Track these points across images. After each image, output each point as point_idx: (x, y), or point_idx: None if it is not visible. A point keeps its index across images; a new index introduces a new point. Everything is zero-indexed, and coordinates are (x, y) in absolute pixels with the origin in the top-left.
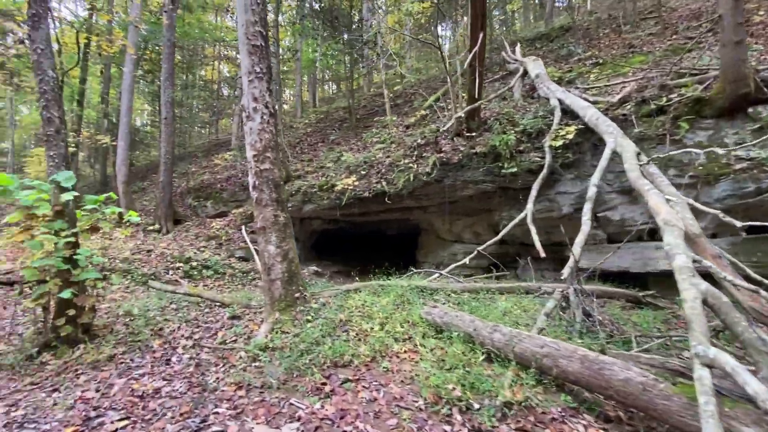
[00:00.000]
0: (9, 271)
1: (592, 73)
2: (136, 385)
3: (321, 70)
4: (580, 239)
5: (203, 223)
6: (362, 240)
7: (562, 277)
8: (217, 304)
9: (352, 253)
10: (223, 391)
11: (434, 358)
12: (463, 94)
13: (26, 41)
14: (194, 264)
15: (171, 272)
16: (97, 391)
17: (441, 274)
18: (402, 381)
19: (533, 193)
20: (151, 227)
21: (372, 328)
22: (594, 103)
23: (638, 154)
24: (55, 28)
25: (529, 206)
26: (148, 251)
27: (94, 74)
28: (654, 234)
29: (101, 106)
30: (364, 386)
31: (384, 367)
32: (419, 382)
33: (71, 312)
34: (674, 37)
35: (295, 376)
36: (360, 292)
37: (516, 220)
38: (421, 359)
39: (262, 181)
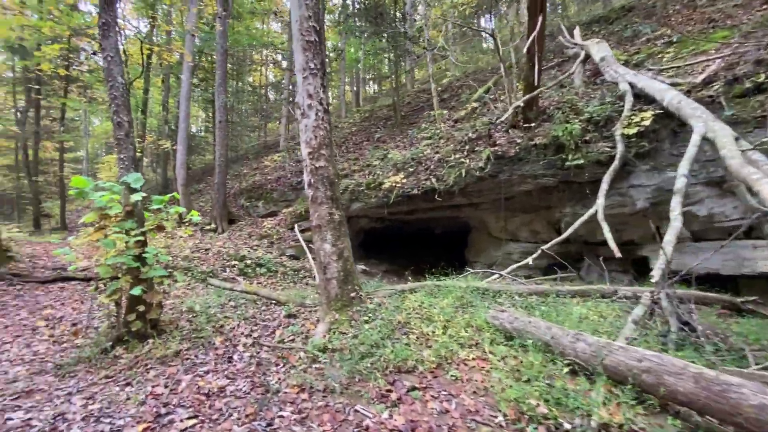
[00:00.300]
0: (85, 268)
1: (665, 53)
2: (201, 383)
3: (364, 69)
4: (670, 237)
5: (255, 223)
6: (409, 238)
7: (653, 280)
8: (273, 302)
9: (399, 252)
10: (285, 393)
11: (507, 367)
12: (518, 84)
13: (97, 54)
14: (248, 262)
15: (227, 270)
16: (166, 386)
17: (501, 275)
18: (474, 392)
19: (604, 186)
20: (208, 227)
21: (433, 332)
22: (672, 85)
23: (736, 139)
24: (122, 40)
25: (600, 201)
26: (206, 250)
27: (155, 85)
28: (750, 231)
29: (162, 113)
30: (432, 396)
31: (452, 376)
32: (495, 394)
33: (141, 308)
34: (764, 7)
35: (357, 380)
36: (416, 292)
37: (585, 217)
38: (492, 368)
39: (317, 179)
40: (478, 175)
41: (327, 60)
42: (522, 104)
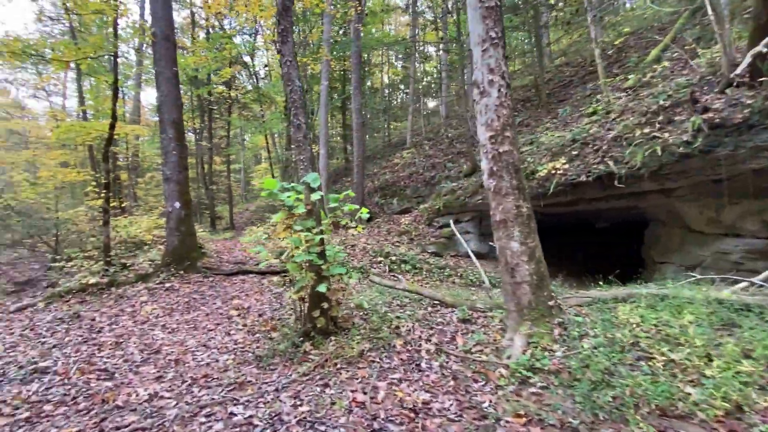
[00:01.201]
0: (258, 262)
1: None
2: (400, 393)
3: None
4: None
5: (392, 220)
6: (562, 234)
7: None
8: (437, 302)
9: (550, 250)
10: (508, 423)
11: None
12: (734, 29)
13: (265, 67)
14: (393, 258)
15: (375, 266)
16: (365, 393)
17: (752, 283)
18: None
19: None
20: (348, 224)
21: (689, 361)
22: None
23: None
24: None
25: None
26: (352, 246)
27: None
28: None
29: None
30: None
31: None
32: None
33: (325, 305)
34: None
35: (602, 418)
36: (629, 302)
37: None
38: None
39: (501, 167)
40: (681, 151)
41: (449, 48)
42: (764, 49)
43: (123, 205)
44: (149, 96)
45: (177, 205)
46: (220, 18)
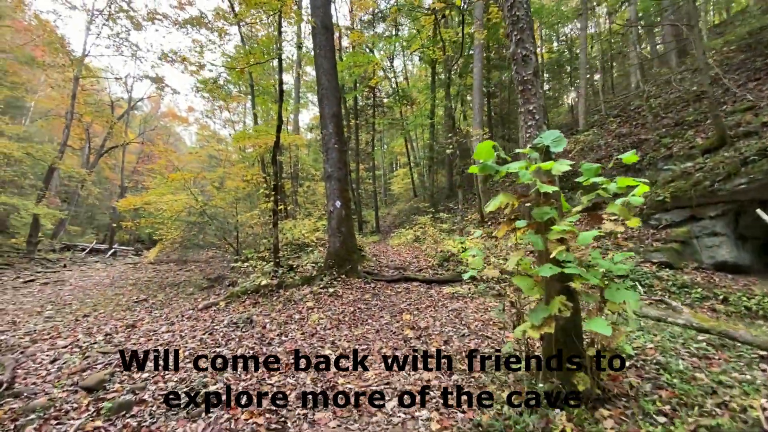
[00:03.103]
0: (420, 269)
1: None
2: None
3: None
4: None
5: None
6: None
7: None
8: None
9: None
10: None
11: None
12: None
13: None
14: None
15: None
16: None
17: None
18: None
19: None
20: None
21: None
22: None
23: None
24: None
25: None
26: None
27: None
28: None
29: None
30: None
31: None
32: None
33: (592, 353)
34: None
35: None
36: None
37: None
38: None
39: None
40: None
41: None
42: None
43: (288, 208)
44: (304, 117)
45: (338, 204)
46: (361, 39)
